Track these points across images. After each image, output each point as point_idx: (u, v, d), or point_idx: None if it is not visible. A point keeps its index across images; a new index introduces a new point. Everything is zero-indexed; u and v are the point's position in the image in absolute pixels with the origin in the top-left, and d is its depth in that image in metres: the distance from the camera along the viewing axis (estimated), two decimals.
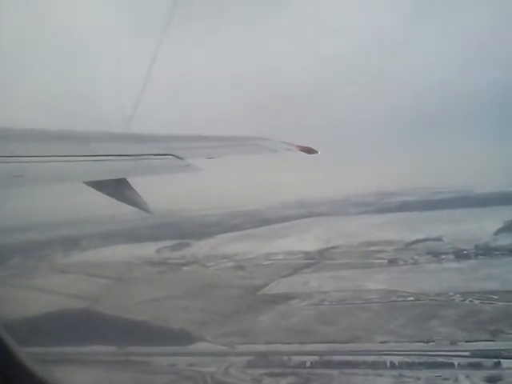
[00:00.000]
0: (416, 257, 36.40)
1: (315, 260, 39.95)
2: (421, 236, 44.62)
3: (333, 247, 44.74)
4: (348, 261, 38.26)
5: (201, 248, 51.64)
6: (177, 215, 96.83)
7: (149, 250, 52.79)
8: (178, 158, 6.28)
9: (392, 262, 36.05)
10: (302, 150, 8.09)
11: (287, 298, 28.25)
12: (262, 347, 20.26)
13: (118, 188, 5.64)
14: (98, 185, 5.59)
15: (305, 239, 51.15)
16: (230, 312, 26.26)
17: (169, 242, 56.58)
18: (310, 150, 8.18)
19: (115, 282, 38.09)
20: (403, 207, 76.46)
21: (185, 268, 42.29)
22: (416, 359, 19.13)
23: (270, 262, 40.98)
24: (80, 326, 26.15)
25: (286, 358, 18.69)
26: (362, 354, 19.06)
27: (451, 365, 18.80)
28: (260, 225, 71.89)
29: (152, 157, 6.25)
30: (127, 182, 5.68)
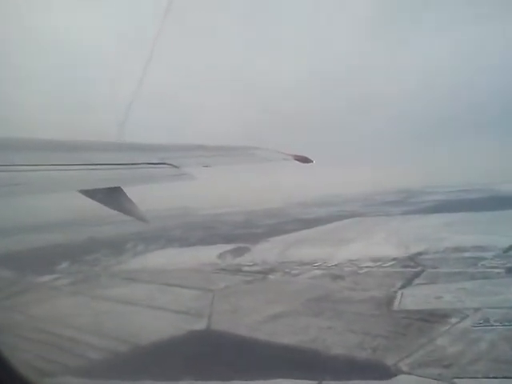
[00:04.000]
0: None
1: (416, 268, 37.55)
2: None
3: (420, 253, 42.51)
4: (455, 270, 35.95)
5: (265, 253, 48.90)
6: (194, 214, 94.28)
7: (207, 254, 50.04)
8: (174, 166, 6.27)
9: (510, 271, 33.77)
10: (297, 160, 8.07)
11: (438, 316, 25.76)
12: (486, 382, 17.58)
13: (112, 197, 5.59)
14: (93, 193, 5.60)
15: (377, 243, 48.93)
16: (389, 334, 23.66)
17: (223, 246, 53.83)
18: (305, 160, 8.15)
19: (205, 293, 35.14)
20: (446, 207, 74.99)
21: (270, 277, 39.48)
22: None
23: (364, 270, 38.47)
24: (226, 353, 23.29)
25: None
26: None
27: None
28: (299, 226, 69.72)
29: (147, 166, 6.24)
30: (122, 190, 5.64)
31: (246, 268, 43.06)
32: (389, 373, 19.36)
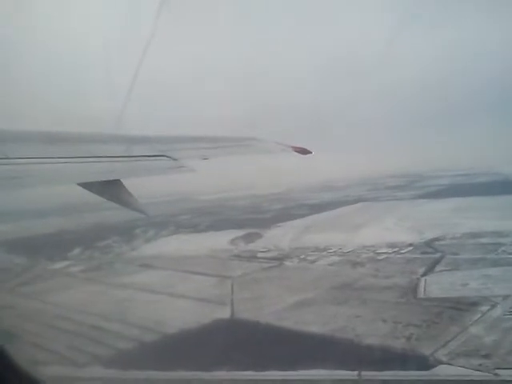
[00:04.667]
0: None
1: (435, 254, 37.29)
2: None
3: (436, 239, 42.25)
4: (476, 256, 35.69)
5: (278, 239, 48.63)
6: (197, 199, 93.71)
7: (219, 240, 49.74)
8: (173, 159, 6.21)
9: None
10: (296, 151, 8.00)
11: (467, 303, 25.55)
12: None
13: (111, 189, 5.52)
14: (92, 186, 5.53)
15: (390, 229, 48.82)
16: (421, 322, 23.42)
17: (234, 232, 53.51)
18: (304, 151, 8.07)
19: (223, 280, 34.86)
20: (453, 192, 74.60)
21: (287, 263, 39.19)
22: None
23: (382, 256, 38.19)
24: (256, 342, 23.02)
25: None
26: None
27: None
28: (307, 211, 69.44)
29: (146, 158, 6.21)
30: (121, 183, 5.57)
31: (261, 254, 42.76)
32: (428, 363, 19.11)
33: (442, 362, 19.15)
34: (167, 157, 6.32)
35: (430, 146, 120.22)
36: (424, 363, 19.19)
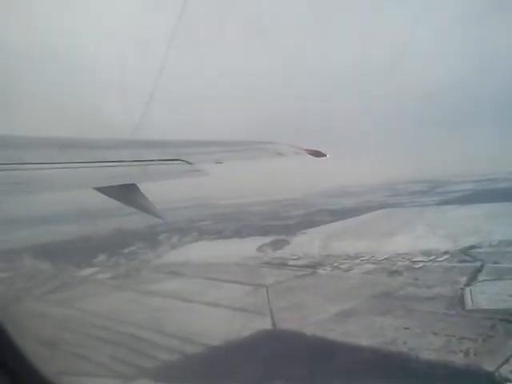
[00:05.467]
0: None
1: (474, 263, 36.10)
2: None
3: (472, 246, 40.99)
4: None
5: (306, 246, 47.60)
6: (215, 205, 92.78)
7: (245, 247, 48.78)
8: (188, 163, 6.26)
9: None
10: (310, 154, 7.97)
11: None
12: None
13: (127, 194, 5.57)
14: (108, 191, 5.59)
15: (422, 236, 47.54)
16: (476, 336, 22.35)
17: (260, 239, 52.51)
18: (318, 154, 8.01)
19: (257, 289, 33.98)
20: (478, 197, 73.04)
21: (320, 271, 38.20)
22: None
23: (419, 265, 37.09)
24: (304, 356, 22.10)
25: None
26: None
27: None
28: (330, 217, 68.12)
29: (161, 162, 6.22)
30: (137, 187, 5.61)
31: (292, 262, 41.79)
32: (494, 380, 18.07)
33: (508, 380, 18.17)
34: (182, 161, 6.26)
35: (446, 150, 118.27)
36: (490, 380, 18.19)
